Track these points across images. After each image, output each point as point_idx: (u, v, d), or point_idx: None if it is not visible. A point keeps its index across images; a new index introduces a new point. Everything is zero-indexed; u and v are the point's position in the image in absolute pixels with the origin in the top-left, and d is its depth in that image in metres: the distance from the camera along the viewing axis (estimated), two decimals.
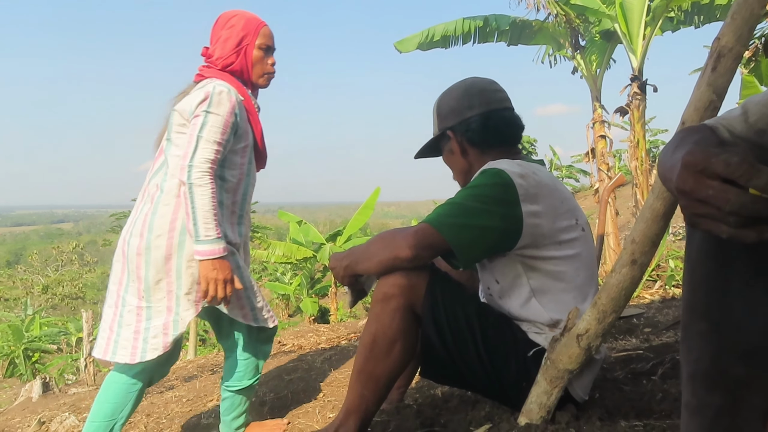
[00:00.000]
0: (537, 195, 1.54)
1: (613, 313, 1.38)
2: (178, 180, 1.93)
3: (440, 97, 1.81)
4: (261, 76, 2.12)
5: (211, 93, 1.92)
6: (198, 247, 1.86)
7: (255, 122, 2.10)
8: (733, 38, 1.22)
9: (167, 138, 2.02)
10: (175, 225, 1.92)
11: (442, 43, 8.19)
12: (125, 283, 1.96)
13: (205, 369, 4.37)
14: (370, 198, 15.95)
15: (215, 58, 2.06)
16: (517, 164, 1.59)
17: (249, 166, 2.09)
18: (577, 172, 25.07)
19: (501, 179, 1.53)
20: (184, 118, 1.97)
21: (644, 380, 1.98)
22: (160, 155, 2.03)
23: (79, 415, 3.21)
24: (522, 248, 1.56)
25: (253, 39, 2.07)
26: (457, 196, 1.58)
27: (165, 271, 1.91)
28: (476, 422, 1.63)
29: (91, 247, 52.43)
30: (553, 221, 1.56)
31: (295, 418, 2.30)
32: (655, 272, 5.89)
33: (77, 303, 31.72)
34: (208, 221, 1.86)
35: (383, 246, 1.58)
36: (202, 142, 1.88)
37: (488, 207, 1.51)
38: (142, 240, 1.91)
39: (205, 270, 1.87)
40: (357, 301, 1.76)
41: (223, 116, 1.92)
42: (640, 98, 7.06)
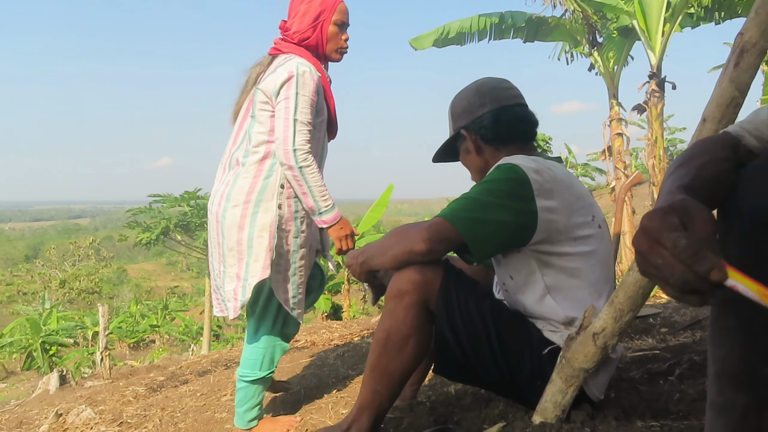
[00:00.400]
0: (552, 190, 1.53)
1: (630, 311, 1.36)
2: (258, 157, 2.07)
3: (453, 98, 1.82)
4: (335, 51, 2.22)
5: (295, 74, 2.02)
6: (322, 218, 2.09)
7: (329, 96, 2.21)
8: (757, 33, 1.20)
9: (251, 115, 2.11)
10: (251, 197, 2.05)
11: (457, 40, 8.17)
12: (211, 249, 2.16)
13: (219, 364, 4.40)
14: (383, 195, 15.92)
15: (292, 32, 2.15)
16: (532, 160, 1.57)
17: (323, 138, 2.21)
18: (592, 171, 24.91)
19: (515, 174, 1.52)
20: (267, 96, 2.07)
21: (661, 380, 1.96)
22: (241, 130, 2.15)
23: (95, 407, 3.24)
24: (536, 243, 1.55)
25: (330, 15, 2.15)
26: (471, 191, 1.57)
27: (237, 240, 2.05)
28: (490, 420, 1.62)
29: (108, 242, 53.02)
30: (568, 217, 1.54)
31: (308, 413, 2.30)
32: None
33: (93, 297, 32.11)
34: (323, 194, 2.06)
35: (397, 240, 1.58)
36: (298, 125, 2.01)
37: (502, 201, 1.51)
38: (220, 208, 2.07)
39: (335, 232, 2.13)
40: (378, 297, 1.77)
41: (310, 96, 2.04)
42: (658, 95, 6.99)
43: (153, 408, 2.95)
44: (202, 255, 15.65)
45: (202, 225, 14.45)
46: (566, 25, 7.77)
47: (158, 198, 14.31)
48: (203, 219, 14.45)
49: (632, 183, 3.40)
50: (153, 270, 54.88)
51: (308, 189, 2.02)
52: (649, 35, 6.94)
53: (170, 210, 14.71)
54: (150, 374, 4.46)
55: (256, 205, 2.04)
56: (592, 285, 1.59)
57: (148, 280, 46.94)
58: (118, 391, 3.73)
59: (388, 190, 16.05)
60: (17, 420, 3.58)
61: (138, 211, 14.59)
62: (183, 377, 4.05)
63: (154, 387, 3.79)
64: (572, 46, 8.29)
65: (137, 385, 3.86)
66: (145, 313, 24.20)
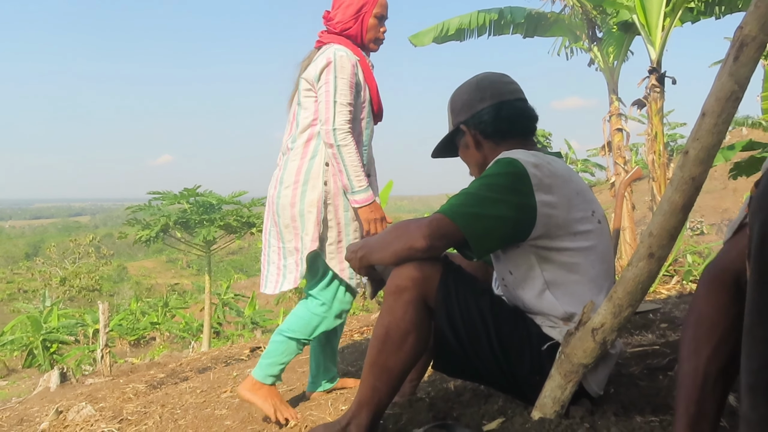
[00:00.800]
0: (551, 185, 1.52)
1: (629, 307, 1.36)
2: (304, 139, 2.25)
3: (453, 93, 1.81)
4: (372, 41, 2.38)
5: (333, 59, 2.19)
6: (354, 197, 2.21)
7: (370, 79, 2.35)
8: (757, 27, 1.19)
9: (297, 103, 2.32)
10: (299, 178, 2.23)
11: (457, 36, 8.14)
12: (269, 227, 2.35)
13: (219, 361, 4.40)
14: (382, 191, 15.89)
15: (335, 22, 2.33)
16: (531, 154, 1.57)
17: (368, 119, 2.36)
18: (592, 166, 24.91)
19: (514, 168, 1.52)
20: (310, 83, 2.26)
21: (660, 376, 1.96)
22: (293, 119, 2.34)
23: (95, 404, 3.24)
24: (536, 239, 1.54)
25: (371, 8, 2.33)
26: (471, 186, 1.57)
27: (291, 217, 2.23)
28: (489, 416, 1.62)
29: (108, 240, 53.02)
30: (567, 212, 1.54)
31: (308, 410, 2.30)
32: (673, 267, 5.83)
33: (94, 295, 32.10)
34: (358, 174, 2.19)
35: (397, 236, 1.57)
36: (338, 106, 2.17)
37: (502, 196, 1.50)
38: (275, 191, 2.28)
39: (365, 214, 2.23)
40: (377, 291, 1.77)
41: (348, 78, 2.20)
42: (658, 91, 6.96)
43: (153, 405, 2.95)
44: (202, 252, 15.63)
45: (202, 222, 14.42)
46: (566, 20, 7.74)
47: (158, 195, 14.29)
48: (203, 216, 14.43)
49: (632, 178, 3.40)
50: (153, 267, 54.89)
51: (344, 167, 2.17)
52: (649, 30, 6.91)
53: (170, 207, 14.68)
54: (150, 371, 4.47)
55: (304, 184, 2.22)
56: (591, 280, 1.59)
57: (149, 278, 46.94)
58: (119, 388, 3.73)
59: (387, 187, 16.05)
60: (18, 417, 3.58)
61: (137, 208, 14.55)
62: (183, 374, 4.06)
63: (155, 384, 3.79)
64: (572, 41, 8.26)
65: (137, 383, 3.87)
66: (145, 311, 24.21)
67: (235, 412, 2.53)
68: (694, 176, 1.24)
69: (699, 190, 1.27)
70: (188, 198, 14.58)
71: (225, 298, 23.30)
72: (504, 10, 7.91)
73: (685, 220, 1.31)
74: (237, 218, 14.82)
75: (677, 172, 1.27)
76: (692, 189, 1.25)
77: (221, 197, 14.95)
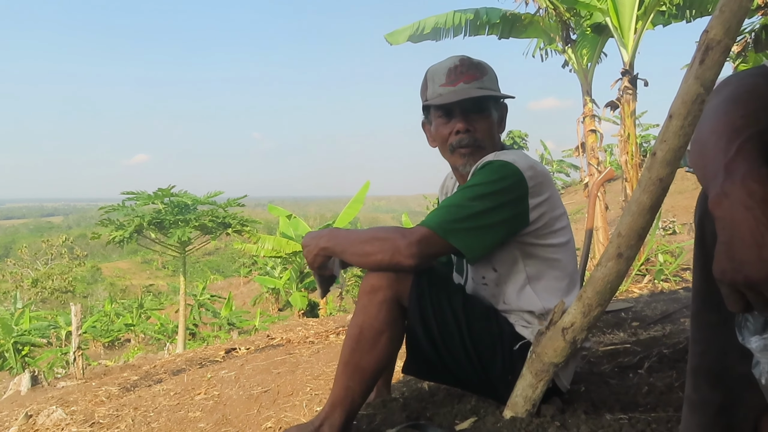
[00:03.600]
0: (542, 185, 1.55)
1: (598, 306, 1.38)
2: None
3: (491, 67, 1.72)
4: None
5: None
6: None
7: None
8: (722, 31, 1.21)
9: None
10: None
11: (433, 35, 8.17)
12: None
13: (194, 362, 4.36)
14: (360, 192, 15.94)
15: None
16: (522, 155, 1.59)
17: None
18: (568, 167, 25.15)
19: (510, 172, 1.52)
20: None
21: (630, 374, 1.99)
22: None
23: (66, 408, 3.18)
24: (523, 235, 1.57)
25: None
26: (463, 197, 1.52)
27: None
28: (462, 415, 1.63)
29: (81, 240, 52.13)
30: (552, 210, 1.58)
31: (282, 411, 2.29)
32: (644, 266, 5.92)
33: (67, 296, 31.60)
34: None
35: (381, 248, 1.51)
36: None
37: (496, 204, 1.50)
38: None
39: None
40: (327, 289, 1.71)
41: None
42: (630, 93, 7.06)
43: (126, 408, 2.91)
44: (177, 253, 15.46)
45: (177, 223, 14.26)
46: (540, 22, 7.81)
47: (131, 196, 14.11)
48: (177, 217, 14.27)
49: (604, 179, 3.45)
50: (128, 268, 54.17)
51: None
52: (622, 33, 7.01)
53: (144, 208, 14.50)
54: (124, 374, 4.40)
55: None
56: (569, 275, 1.64)
57: (123, 279, 46.34)
58: (91, 391, 3.67)
59: (365, 187, 16.07)
60: None
61: (111, 208, 14.34)
62: (157, 376, 4.01)
63: (128, 386, 3.74)
64: (546, 43, 8.34)
65: (110, 385, 3.81)
66: (119, 312, 23.89)
67: (209, 414, 2.51)
68: (661, 177, 1.26)
69: (666, 191, 1.29)
70: (163, 198, 14.42)
71: (201, 299, 23.11)
72: (480, 10, 7.95)
73: (653, 220, 1.33)
74: (212, 219, 14.70)
75: (645, 173, 1.29)
76: (659, 190, 1.28)
77: (196, 198, 14.82)
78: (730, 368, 0.87)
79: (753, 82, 0.89)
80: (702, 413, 0.92)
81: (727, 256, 0.71)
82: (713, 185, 0.74)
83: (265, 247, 15.13)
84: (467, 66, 1.66)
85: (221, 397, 2.71)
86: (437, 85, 1.68)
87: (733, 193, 0.71)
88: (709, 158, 0.78)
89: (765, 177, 0.71)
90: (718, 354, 0.88)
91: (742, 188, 0.70)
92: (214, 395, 2.79)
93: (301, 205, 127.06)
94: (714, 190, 0.74)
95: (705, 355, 0.90)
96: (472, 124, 1.66)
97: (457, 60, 1.68)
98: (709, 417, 0.90)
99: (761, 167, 0.72)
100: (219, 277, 42.18)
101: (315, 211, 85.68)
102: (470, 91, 1.63)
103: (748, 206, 0.69)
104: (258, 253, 15.54)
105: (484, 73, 1.67)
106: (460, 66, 1.66)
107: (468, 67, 1.66)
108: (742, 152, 0.74)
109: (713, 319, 0.89)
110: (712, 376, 0.89)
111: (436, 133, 1.72)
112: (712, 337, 0.89)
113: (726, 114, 0.82)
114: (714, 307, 0.88)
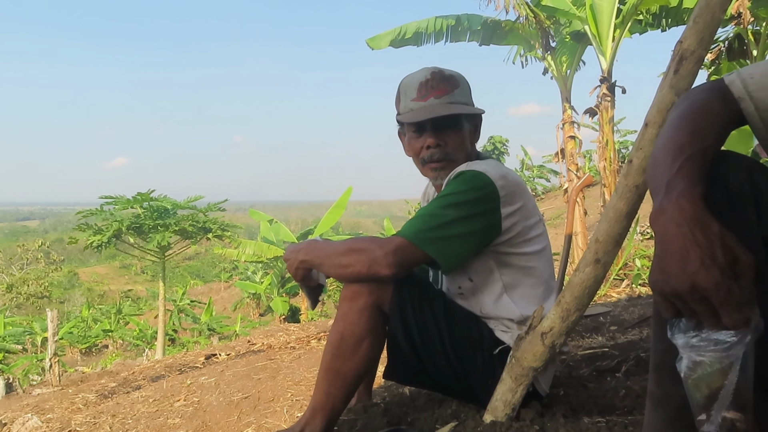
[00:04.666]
0: (515, 194, 1.57)
1: (576, 311, 1.40)
2: None
3: (462, 78, 1.72)
4: None
5: None
6: None
7: None
8: (695, 41, 1.24)
9: None
10: None
11: (414, 40, 8.21)
12: None
13: (173, 369, 4.31)
14: (342, 197, 15.94)
15: None
16: (494, 165, 1.60)
17: None
18: (548, 172, 25.36)
19: (482, 182, 1.53)
20: None
21: (608, 377, 2.01)
22: None
23: (42, 416, 3.14)
24: (497, 245, 1.59)
25: None
26: (437, 206, 1.54)
27: None
28: (442, 420, 1.64)
29: (58, 245, 51.41)
30: (525, 219, 1.60)
31: (263, 418, 2.28)
32: (623, 271, 5.99)
33: (43, 302, 31.10)
34: None
35: (358, 259, 1.51)
36: None
37: (469, 213, 1.52)
38: None
39: None
40: (316, 300, 1.73)
41: None
42: (609, 100, 7.16)
43: (103, 415, 2.87)
44: (156, 258, 15.31)
45: (156, 227, 14.11)
46: (520, 30, 7.89)
47: (110, 200, 13.94)
48: (157, 221, 14.12)
49: (583, 185, 3.49)
50: (106, 273, 53.45)
51: None
52: (600, 40, 7.11)
53: (123, 212, 14.32)
54: (101, 380, 4.35)
55: None
56: (545, 282, 1.65)
57: (101, 284, 45.70)
58: (67, 398, 3.62)
59: (347, 192, 16.08)
60: None
61: (89, 213, 14.13)
62: (135, 383, 3.96)
63: (105, 393, 3.70)
64: (527, 49, 8.43)
65: (87, 392, 3.76)
66: (97, 318, 23.54)
67: (189, 420, 2.49)
68: (637, 184, 1.29)
69: (643, 198, 1.31)
70: (142, 203, 14.27)
71: (181, 305, 22.88)
72: (461, 17, 8.02)
73: (630, 226, 1.36)
74: (193, 223, 14.58)
75: (621, 180, 1.31)
76: (636, 197, 1.30)
77: (176, 202, 14.68)
78: None
79: (706, 97, 0.95)
80: (665, 408, 0.95)
81: (659, 267, 0.77)
82: (656, 200, 0.81)
83: (246, 251, 15.06)
84: (438, 80, 1.67)
85: (201, 404, 2.69)
86: (409, 99, 1.69)
87: (668, 210, 0.77)
88: (657, 174, 0.85)
89: (698, 196, 0.77)
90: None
91: (675, 206, 0.77)
92: (193, 402, 2.77)
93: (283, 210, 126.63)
94: (654, 205, 0.80)
95: (667, 353, 0.93)
96: (442, 139, 1.67)
97: (429, 73, 1.69)
98: (672, 411, 0.94)
99: (696, 186, 0.78)
100: (199, 282, 41.81)
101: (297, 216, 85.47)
102: (439, 108, 1.65)
103: (679, 223, 0.75)
104: (239, 257, 15.46)
105: (455, 86, 1.68)
106: (431, 80, 1.67)
107: (439, 81, 1.67)
108: (683, 170, 0.81)
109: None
110: (675, 372, 0.93)
111: (409, 146, 1.75)
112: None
113: (676, 130, 0.89)
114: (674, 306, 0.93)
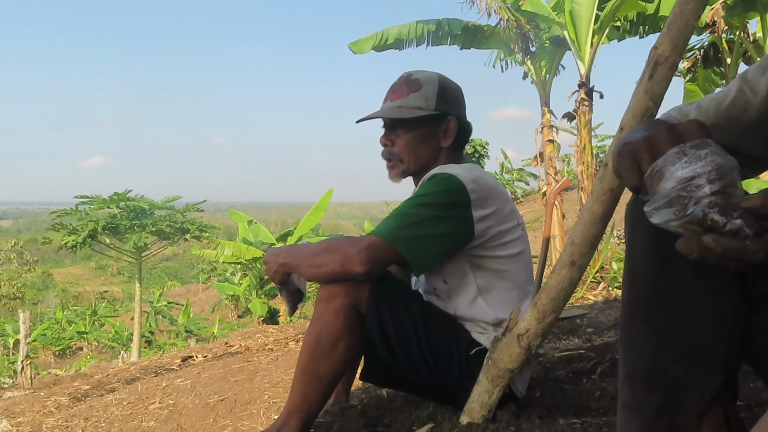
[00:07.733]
0: (487, 198, 1.57)
1: (552, 313, 1.40)
2: None
3: (443, 78, 1.75)
4: None
5: None
6: None
7: None
8: (670, 47, 1.26)
9: None
10: None
11: (396, 45, 8.23)
12: None
13: (149, 371, 4.26)
14: (322, 198, 15.89)
15: None
16: (468, 168, 1.61)
17: None
18: (527, 176, 25.58)
19: (453, 185, 1.54)
20: None
21: (584, 379, 2.03)
22: None
23: (12, 419, 3.07)
24: (471, 248, 1.59)
25: None
26: (408, 206, 1.57)
27: None
28: (419, 422, 1.64)
29: (31, 245, 50.53)
30: (500, 223, 1.60)
31: (239, 420, 2.26)
32: (599, 274, 6.05)
33: (15, 303, 30.56)
34: None
35: (332, 258, 1.52)
36: None
37: (440, 214, 1.53)
38: None
39: None
40: (295, 306, 1.73)
41: None
42: (587, 104, 7.24)
43: (76, 419, 2.83)
44: (133, 259, 15.13)
45: (132, 228, 13.95)
46: (501, 34, 7.95)
47: (85, 199, 13.75)
48: (133, 222, 13.97)
49: (561, 188, 3.52)
50: (81, 274, 52.71)
51: None
52: (579, 46, 7.19)
53: (99, 212, 14.14)
54: (74, 383, 4.28)
55: None
56: (519, 286, 1.66)
57: (76, 285, 45.05)
58: (39, 401, 3.55)
59: (327, 194, 16.03)
60: None
61: (63, 212, 13.93)
62: (110, 385, 3.90)
63: (78, 396, 3.64)
64: (507, 54, 8.49)
65: (60, 395, 3.69)
66: (72, 320, 23.19)
67: (164, 423, 2.46)
68: (613, 188, 1.30)
69: (618, 201, 1.33)
70: (118, 202, 14.11)
71: (157, 306, 22.65)
72: (442, 21, 8.05)
73: (605, 229, 1.37)
74: (170, 224, 14.45)
75: (597, 183, 1.32)
76: (611, 200, 1.31)
77: (153, 202, 14.55)
78: (663, 371, 0.92)
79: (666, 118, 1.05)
80: (640, 416, 0.95)
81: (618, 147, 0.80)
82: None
83: (225, 253, 14.93)
84: (400, 84, 1.75)
85: (176, 406, 2.66)
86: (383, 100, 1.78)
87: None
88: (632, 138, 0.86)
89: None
90: (651, 359, 0.94)
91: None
92: (169, 404, 2.74)
93: (263, 211, 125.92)
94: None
95: (639, 362, 0.95)
96: (391, 139, 1.75)
97: (399, 77, 1.77)
98: (647, 419, 0.94)
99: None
100: (177, 283, 41.43)
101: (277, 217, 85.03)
102: (387, 110, 1.73)
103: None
104: (217, 259, 15.31)
105: (415, 89, 1.71)
106: (396, 84, 1.76)
107: (400, 85, 1.74)
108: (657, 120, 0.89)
109: (644, 328, 0.94)
110: (648, 380, 0.94)
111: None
112: (643, 343, 0.95)
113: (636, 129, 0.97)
114: (643, 316, 0.95)
